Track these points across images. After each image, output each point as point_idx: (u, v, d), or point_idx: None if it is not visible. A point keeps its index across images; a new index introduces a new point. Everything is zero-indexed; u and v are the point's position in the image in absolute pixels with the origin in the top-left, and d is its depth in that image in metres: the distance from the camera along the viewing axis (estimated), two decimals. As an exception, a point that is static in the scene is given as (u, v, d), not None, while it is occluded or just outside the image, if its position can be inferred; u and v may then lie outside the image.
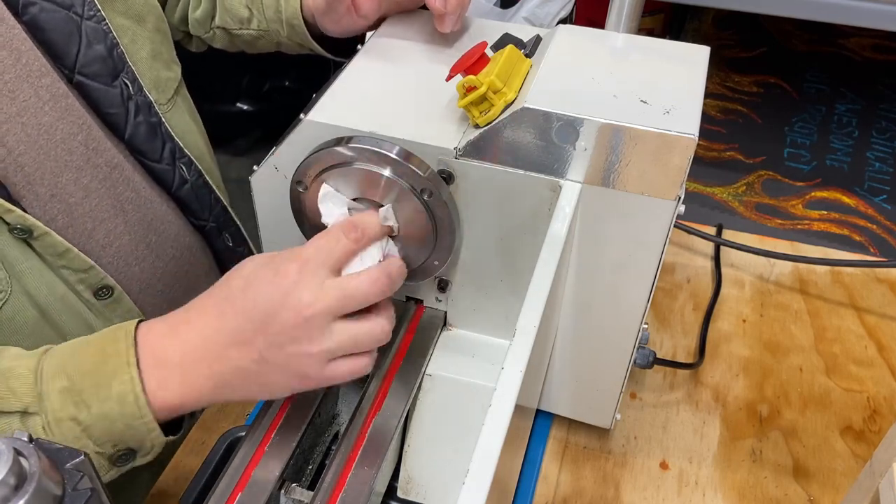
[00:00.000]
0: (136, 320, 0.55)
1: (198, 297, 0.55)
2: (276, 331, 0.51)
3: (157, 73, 0.74)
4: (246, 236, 0.86)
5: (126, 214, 0.71)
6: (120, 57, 0.69)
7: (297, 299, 0.51)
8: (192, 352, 0.53)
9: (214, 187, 0.80)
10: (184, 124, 0.78)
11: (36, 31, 0.64)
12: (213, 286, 0.55)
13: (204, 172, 0.79)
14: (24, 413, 0.51)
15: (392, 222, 0.59)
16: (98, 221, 0.68)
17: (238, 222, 0.85)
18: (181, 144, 0.75)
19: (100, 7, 0.67)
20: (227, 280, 0.54)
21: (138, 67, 0.71)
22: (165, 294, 0.76)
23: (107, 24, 0.68)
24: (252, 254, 0.81)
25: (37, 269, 0.63)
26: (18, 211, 0.60)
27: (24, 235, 0.61)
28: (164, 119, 0.73)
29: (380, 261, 0.56)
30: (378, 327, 0.54)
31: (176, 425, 0.57)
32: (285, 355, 0.52)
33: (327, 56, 0.81)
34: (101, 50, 0.67)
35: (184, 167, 0.76)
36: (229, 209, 0.83)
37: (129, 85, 0.70)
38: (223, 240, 0.83)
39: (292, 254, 0.53)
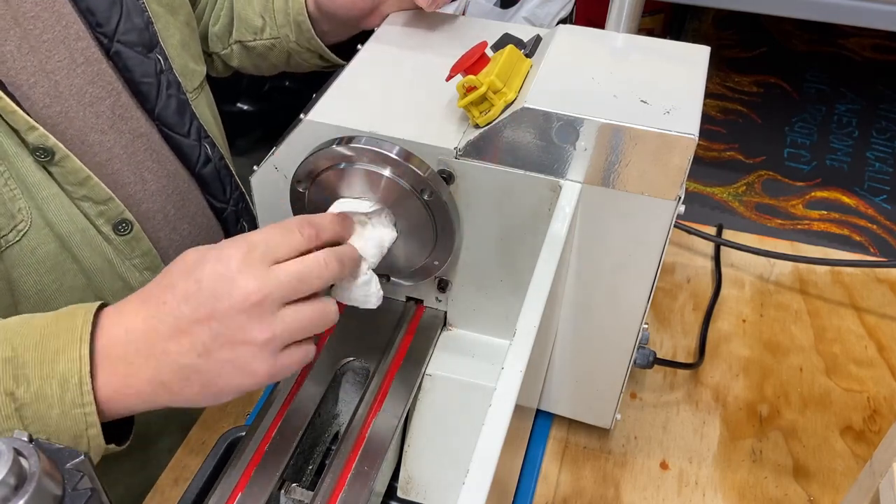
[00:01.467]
0: (100, 303, 0.50)
1: (144, 287, 0.51)
2: (221, 318, 0.47)
3: (185, 62, 0.76)
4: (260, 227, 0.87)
5: (145, 183, 0.72)
6: (154, 34, 0.72)
7: (242, 285, 0.47)
8: (134, 342, 0.48)
9: (234, 173, 0.82)
10: (205, 117, 0.79)
11: None
12: (157, 275, 0.51)
13: (224, 157, 0.80)
14: None
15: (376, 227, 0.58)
16: (119, 185, 0.69)
17: (255, 212, 0.85)
18: (204, 126, 0.77)
19: None
20: (169, 268, 0.50)
21: (169, 52, 0.73)
22: None
23: (143, 2, 0.71)
24: None
25: (57, 198, 0.63)
26: (41, 129, 0.60)
27: (46, 158, 0.61)
28: (189, 100, 0.75)
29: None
30: (327, 307, 0.51)
31: (120, 435, 0.52)
32: (231, 346, 0.48)
33: (334, 59, 0.82)
34: (139, 22, 0.70)
35: (208, 146, 0.77)
36: (247, 197, 0.84)
37: (162, 61, 0.72)
38: (240, 228, 0.83)
39: (238, 239, 0.49)
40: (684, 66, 0.60)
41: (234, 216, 0.82)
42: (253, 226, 0.85)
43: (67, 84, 0.65)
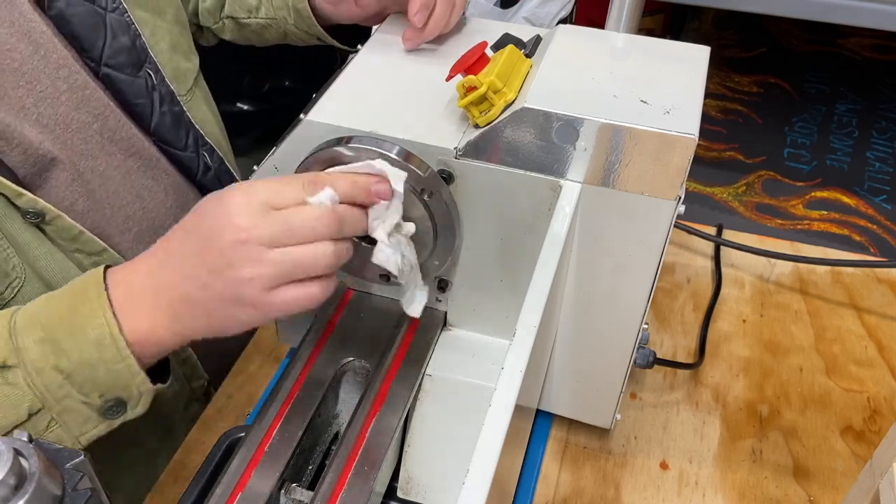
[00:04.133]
0: (104, 266, 0.54)
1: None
2: (214, 253, 0.50)
3: (176, 65, 0.76)
4: None
5: (143, 200, 0.72)
6: (142, 48, 0.71)
7: (234, 223, 0.49)
8: (153, 277, 0.52)
9: (235, 174, 0.82)
10: (202, 114, 0.79)
11: (62, 24, 0.66)
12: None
13: (224, 159, 0.80)
14: (3, 367, 0.51)
15: (390, 186, 0.55)
16: (116, 208, 0.69)
17: None
18: (202, 133, 0.77)
19: (124, 2, 0.69)
20: (187, 214, 0.54)
21: (159, 59, 0.73)
22: None
23: (129, 16, 0.70)
24: None
25: (50, 254, 0.63)
26: (29, 195, 0.61)
27: (37, 220, 0.62)
28: (184, 105, 0.75)
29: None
30: (321, 249, 0.51)
31: (163, 374, 0.57)
32: (223, 280, 0.50)
33: (334, 44, 0.82)
34: (126, 41, 0.69)
35: (207, 154, 0.77)
36: None
37: (153, 75, 0.72)
38: None
39: (245, 184, 0.52)
40: (684, 66, 0.60)
41: None
42: None
43: (51, 114, 0.64)
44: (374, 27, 0.72)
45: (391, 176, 0.54)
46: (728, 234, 1.00)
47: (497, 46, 0.61)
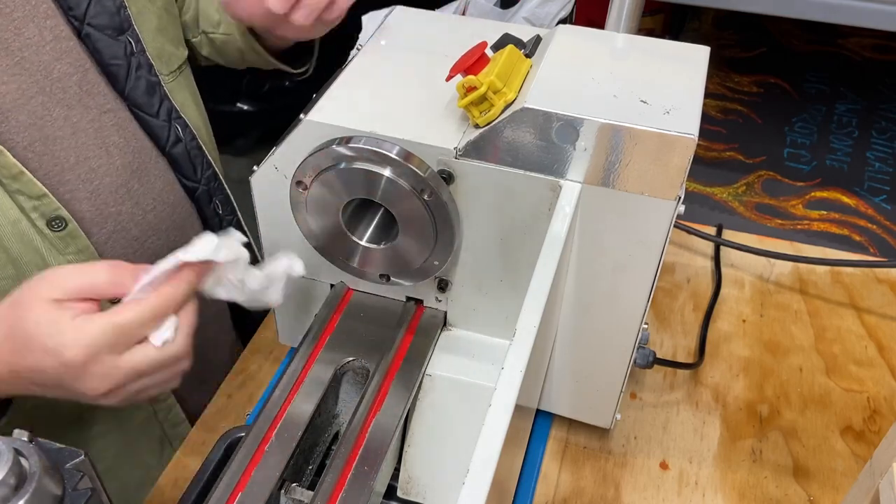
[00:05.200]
0: None
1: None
2: (49, 381, 0.51)
3: (161, 45, 0.78)
4: (235, 206, 0.88)
5: (111, 157, 0.72)
6: (126, 18, 0.73)
7: (76, 380, 0.50)
8: None
9: (208, 154, 0.82)
10: (183, 99, 0.80)
11: None
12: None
13: (197, 137, 0.81)
14: None
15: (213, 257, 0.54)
16: (82, 158, 0.70)
17: (228, 191, 0.87)
18: (176, 107, 0.78)
19: None
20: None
21: (143, 35, 0.75)
22: (141, 242, 0.76)
23: None
24: (241, 226, 0.85)
25: None
26: None
27: None
28: (163, 82, 0.76)
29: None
30: (168, 376, 0.54)
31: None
32: (59, 390, 0.52)
33: (280, 67, 0.85)
34: (110, 6, 0.72)
35: (179, 127, 0.78)
36: (220, 177, 0.85)
37: (133, 44, 0.74)
38: (213, 207, 0.84)
39: (80, 329, 0.51)
40: (684, 66, 0.60)
41: (206, 195, 0.83)
42: (227, 204, 0.86)
43: (36, 60, 0.67)
44: (375, 27, 0.72)
45: (204, 257, 0.53)
46: (728, 234, 1.00)
47: (497, 46, 0.61)
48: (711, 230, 0.99)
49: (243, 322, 0.95)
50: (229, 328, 0.94)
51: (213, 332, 0.90)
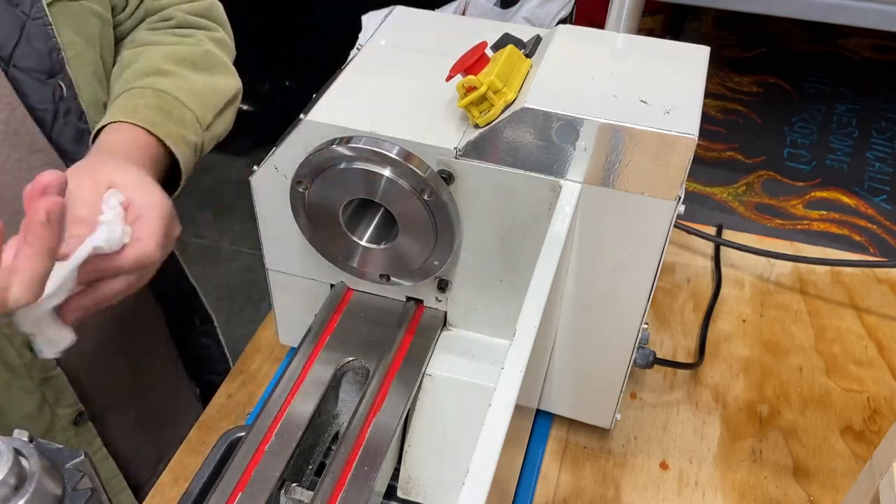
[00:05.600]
0: None
1: None
2: None
3: (96, 94, 0.75)
4: (177, 254, 0.86)
5: None
6: (59, 62, 0.70)
7: None
8: None
9: None
10: None
11: None
12: None
13: None
14: None
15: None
16: (6, 199, 0.68)
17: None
18: None
19: (49, 14, 0.68)
20: None
21: (77, 81, 0.72)
22: None
23: (52, 29, 0.69)
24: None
25: None
26: None
27: None
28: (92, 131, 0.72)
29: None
30: None
31: None
32: None
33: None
34: (41, 49, 0.69)
35: None
36: None
37: (64, 88, 0.70)
38: None
39: None
40: (684, 66, 0.60)
41: None
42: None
43: None
44: (375, 27, 0.72)
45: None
46: (728, 234, 1.00)
47: (497, 46, 0.61)
48: (711, 230, 0.99)
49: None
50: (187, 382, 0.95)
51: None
